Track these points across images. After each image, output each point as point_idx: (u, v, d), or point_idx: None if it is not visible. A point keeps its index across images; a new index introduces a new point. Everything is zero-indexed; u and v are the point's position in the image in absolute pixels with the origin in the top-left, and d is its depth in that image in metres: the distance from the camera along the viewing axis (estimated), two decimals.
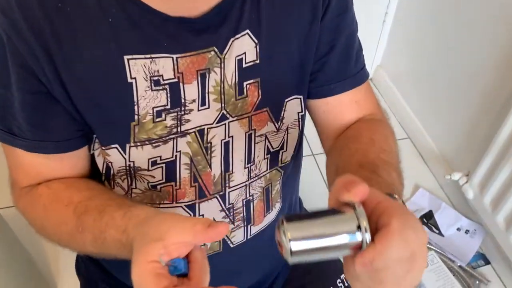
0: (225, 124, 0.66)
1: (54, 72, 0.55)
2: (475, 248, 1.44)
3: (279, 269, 0.93)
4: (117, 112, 0.59)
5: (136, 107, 0.59)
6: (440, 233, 1.48)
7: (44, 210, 0.64)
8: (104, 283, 0.85)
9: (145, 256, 0.44)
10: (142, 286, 0.44)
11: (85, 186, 0.65)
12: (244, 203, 0.73)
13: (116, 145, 0.62)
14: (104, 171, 0.66)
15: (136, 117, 0.60)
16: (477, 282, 1.37)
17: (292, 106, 0.69)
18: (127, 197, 0.67)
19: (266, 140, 0.71)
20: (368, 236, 0.39)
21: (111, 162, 0.63)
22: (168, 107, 0.61)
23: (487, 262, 1.44)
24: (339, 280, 0.90)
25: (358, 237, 0.39)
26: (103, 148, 0.62)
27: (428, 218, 1.52)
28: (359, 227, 0.39)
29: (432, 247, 1.42)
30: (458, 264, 1.40)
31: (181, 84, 0.60)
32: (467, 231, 1.48)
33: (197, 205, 0.70)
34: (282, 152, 0.74)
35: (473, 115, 1.47)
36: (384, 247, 0.38)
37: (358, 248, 0.40)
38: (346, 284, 0.91)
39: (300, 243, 0.39)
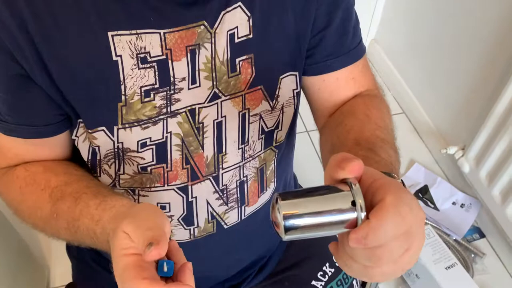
0: (217, 103, 0.63)
1: (35, 52, 0.53)
2: (470, 221, 1.44)
3: (274, 249, 0.92)
4: (102, 92, 0.57)
5: (122, 87, 0.57)
6: (435, 208, 1.48)
7: (20, 193, 0.62)
8: (95, 263, 0.84)
9: (122, 251, 0.46)
10: (123, 277, 0.44)
11: (63, 170, 0.63)
12: (238, 184, 0.71)
13: (103, 128, 0.60)
14: (89, 158, 0.64)
15: (123, 97, 0.57)
16: (473, 255, 1.38)
17: (287, 83, 0.67)
18: (107, 186, 0.65)
19: (261, 120, 0.68)
20: (363, 213, 0.38)
21: (98, 146, 0.61)
22: (157, 86, 0.58)
23: (482, 236, 1.44)
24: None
25: (353, 214, 0.38)
26: (90, 131, 0.59)
27: (423, 193, 1.51)
28: (354, 204, 0.38)
29: (428, 221, 1.42)
30: (454, 238, 1.40)
31: (169, 61, 0.57)
32: (462, 205, 1.48)
33: (189, 187, 0.68)
34: (277, 132, 0.72)
35: (469, 89, 1.45)
36: (379, 223, 0.36)
37: (354, 226, 0.39)
38: None
39: (294, 221, 0.39)
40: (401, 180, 0.48)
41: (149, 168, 0.65)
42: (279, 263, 0.93)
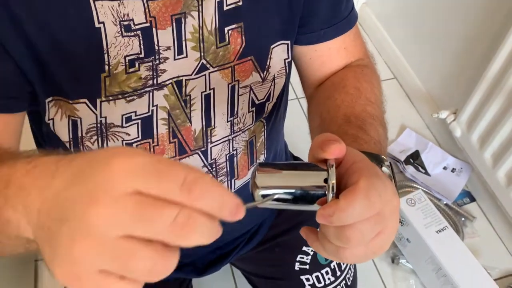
0: (205, 75, 0.61)
1: (13, 16, 0.49)
2: (461, 186, 1.45)
3: (265, 216, 0.92)
4: (85, 62, 0.54)
5: (106, 56, 0.54)
6: (426, 173, 1.48)
7: None
8: None
9: None
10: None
11: None
12: (227, 158, 0.70)
13: (85, 100, 0.57)
14: (71, 135, 0.62)
15: (106, 67, 0.55)
16: (463, 219, 1.39)
17: (278, 53, 0.65)
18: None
19: (251, 92, 0.66)
20: (331, 193, 0.39)
21: (79, 118, 0.59)
22: (142, 55, 0.56)
23: (473, 200, 1.45)
24: None
25: (323, 192, 0.40)
26: (70, 101, 0.57)
27: (414, 158, 1.51)
28: (327, 183, 0.40)
29: (419, 186, 1.43)
30: (444, 202, 1.41)
31: (154, 29, 0.55)
32: (453, 170, 1.48)
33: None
34: (268, 104, 0.70)
35: (461, 52, 1.43)
36: (346, 203, 0.38)
37: (324, 203, 0.40)
38: None
39: (267, 191, 0.41)
40: (389, 163, 0.50)
41: (134, 145, 0.63)
42: (270, 230, 0.93)
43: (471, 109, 1.30)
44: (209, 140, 0.67)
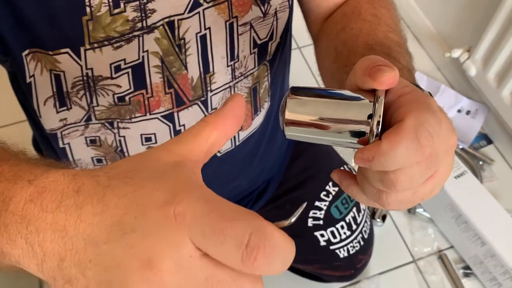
0: (199, 12, 0.54)
1: None
2: (477, 128, 1.38)
3: (273, 172, 0.86)
4: (63, 3, 0.47)
5: None
6: None
7: None
8: None
9: None
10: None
11: None
12: None
13: (67, 50, 0.50)
14: (55, 91, 0.54)
15: (88, 9, 0.48)
16: (481, 162, 1.33)
17: None
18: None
19: (252, 30, 0.59)
20: (376, 130, 0.33)
21: (62, 72, 0.51)
22: None
23: (490, 142, 1.39)
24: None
25: (364, 127, 0.33)
26: (51, 53, 0.50)
27: None
28: (370, 118, 0.33)
29: None
30: (460, 147, 1.35)
31: None
32: (468, 112, 1.41)
33: (175, 114, 0.60)
34: (271, 43, 0.63)
35: None
36: (389, 146, 0.31)
37: (366, 143, 0.34)
38: None
39: (296, 116, 0.35)
40: (429, 92, 0.41)
41: (126, 98, 0.56)
42: (280, 186, 0.88)
43: (486, 44, 1.21)
44: (208, 88, 0.60)
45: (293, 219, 0.29)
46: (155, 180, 0.26)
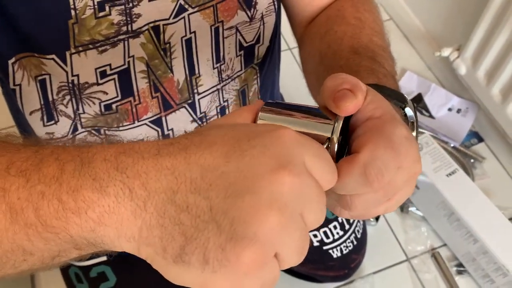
0: (184, 17, 0.54)
1: None
2: (467, 127, 1.39)
3: None
4: (48, 4, 0.47)
5: None
6: (430, 116, 1.42)
7: None
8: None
9: None
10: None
11: None
12: (218, 110, 0.63)
13: (53, 56, 0.50)
14: (42, 102, 0.54)
15: (73, 12, 0.48)
16: (472, 160, 1.34)
17: None
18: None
19: (238, 34, 0.59)
20: (333, 153, 0.33)
21: (48, 75, 0.51)
22: None
23: (481, 140, 1.39)
24: None
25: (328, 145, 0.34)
26: (36, 55, 0.50)
27: (417, 102, 1.45)
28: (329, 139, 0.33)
29: (424, 130, 1.37)
30: (452, 145, 1.36)
31: None
32: (458, 110, 1.42)
33: (163, 118, 0.60)
34: (258, 47, 0.63)
35: None
36: (339, 176, 0.32)
37: None
38: None
39: None
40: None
41: (114, 106, 0.56)
42: None
43: (475, 43, 1.22)
44: (195, 91, 0.60)
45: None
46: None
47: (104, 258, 0.75)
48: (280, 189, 0.26)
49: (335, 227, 0.88)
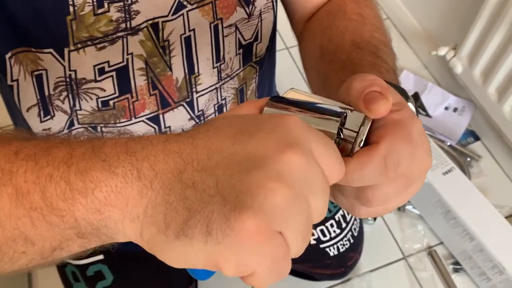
0: (183, 14, 0.54)
1: None
2: (464, 125, 1.39)
3: None
4: (46, 1, 0.47)
5: None
6: (427, 114, 1.42)
7: None
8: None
9: None
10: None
11: None
12: (216, 108, 0.63)
13: (51, 50, 0.50)
14: (38, 97, 0.54)
15: (71, 8, 0.48)
16: (468, 159, 1.35)
17: None
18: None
19: (237, 31, 0.59)
20: (358, 147, 0.33)
21: (45, 70, 0.51)
22: None
23: (477, 139, 1.40)
24: None
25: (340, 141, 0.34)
26: (34, 50, 0.50)
27: (414, 101, 1.45)
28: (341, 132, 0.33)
29: None
30: (448, 144, 1.36)
31: None
32: (455, 109, 1.42)
33: (161, 116, 0.60)
34: (257, 44, 0.63)
35: None
36: (358, 166, 0.32)
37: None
38: None
39: None
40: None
41: (111, 102, 0.56)
42: None
43: (472, 42, 1.22)
44: (194, 90, 0.60)
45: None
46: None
47: (101, 257, 0.75)
48: (288, 167, 0.26)
49: (332, 225, 0.89)
